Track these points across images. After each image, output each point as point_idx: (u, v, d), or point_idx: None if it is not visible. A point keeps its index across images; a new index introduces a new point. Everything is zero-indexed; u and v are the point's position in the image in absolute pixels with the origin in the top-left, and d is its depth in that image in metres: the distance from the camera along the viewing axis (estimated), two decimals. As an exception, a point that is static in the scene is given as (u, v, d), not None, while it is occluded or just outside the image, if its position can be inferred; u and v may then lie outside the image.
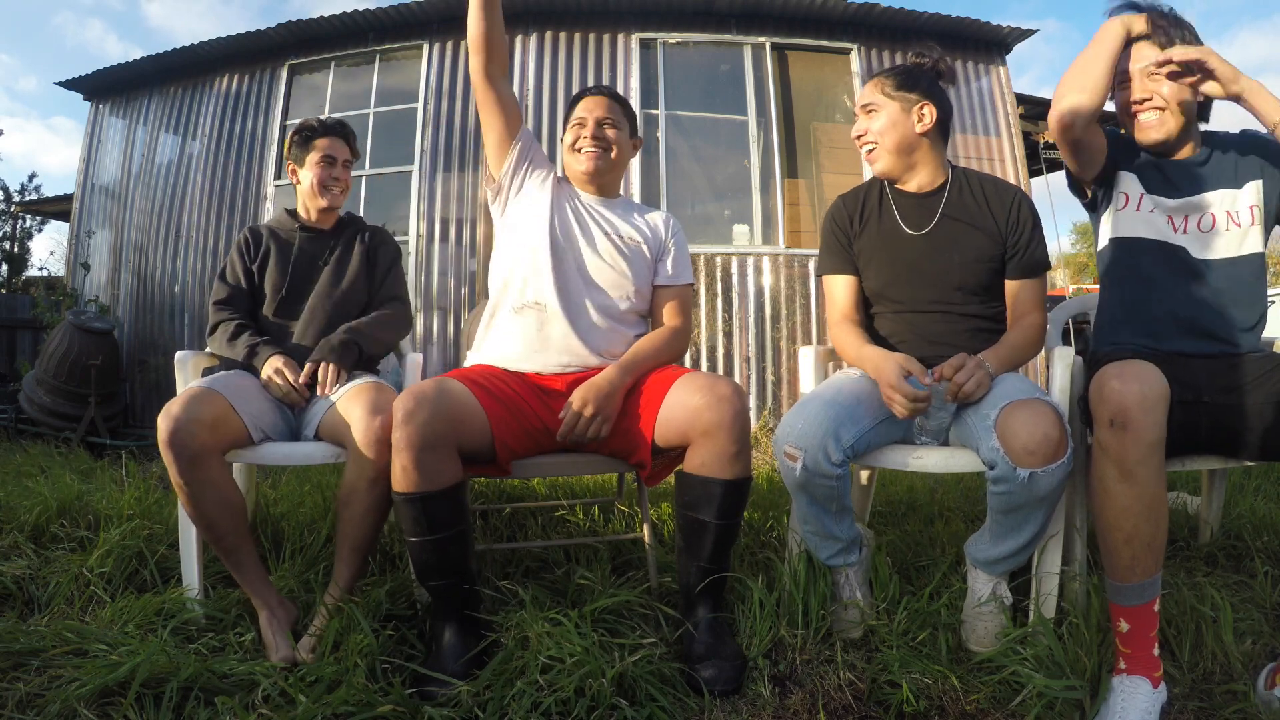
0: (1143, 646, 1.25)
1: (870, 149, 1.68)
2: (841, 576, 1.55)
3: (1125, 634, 1.26)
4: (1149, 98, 1.55)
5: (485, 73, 1.67)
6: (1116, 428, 1.24)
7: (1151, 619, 1.26)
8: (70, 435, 4.48)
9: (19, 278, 12.27)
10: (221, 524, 1.52)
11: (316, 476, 2.51)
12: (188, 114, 5.81)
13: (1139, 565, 1.24)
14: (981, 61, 5.45)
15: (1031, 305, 1.64)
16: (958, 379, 1.45)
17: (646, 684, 1.29)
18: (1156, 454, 1.24)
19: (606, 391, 1.55)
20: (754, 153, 5.21)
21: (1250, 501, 2.20)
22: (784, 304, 5.03)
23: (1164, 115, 1.54)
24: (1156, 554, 1.25)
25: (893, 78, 1.67)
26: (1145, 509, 1.24)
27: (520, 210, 1.74)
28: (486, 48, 1.64)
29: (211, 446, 1.50)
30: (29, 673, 1.33)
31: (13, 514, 2.11)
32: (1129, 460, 1.23)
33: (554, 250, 1.68)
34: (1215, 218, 1.56)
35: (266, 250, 1.93)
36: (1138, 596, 1.25)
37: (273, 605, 1.52)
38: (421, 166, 5.15)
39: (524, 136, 1.75)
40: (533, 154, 1.76)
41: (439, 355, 5.01)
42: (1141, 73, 1.55)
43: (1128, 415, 1.22)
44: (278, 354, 1.75)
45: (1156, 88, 1.54)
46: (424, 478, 1.36)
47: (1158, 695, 1.23)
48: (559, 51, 5.25)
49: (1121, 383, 1.25)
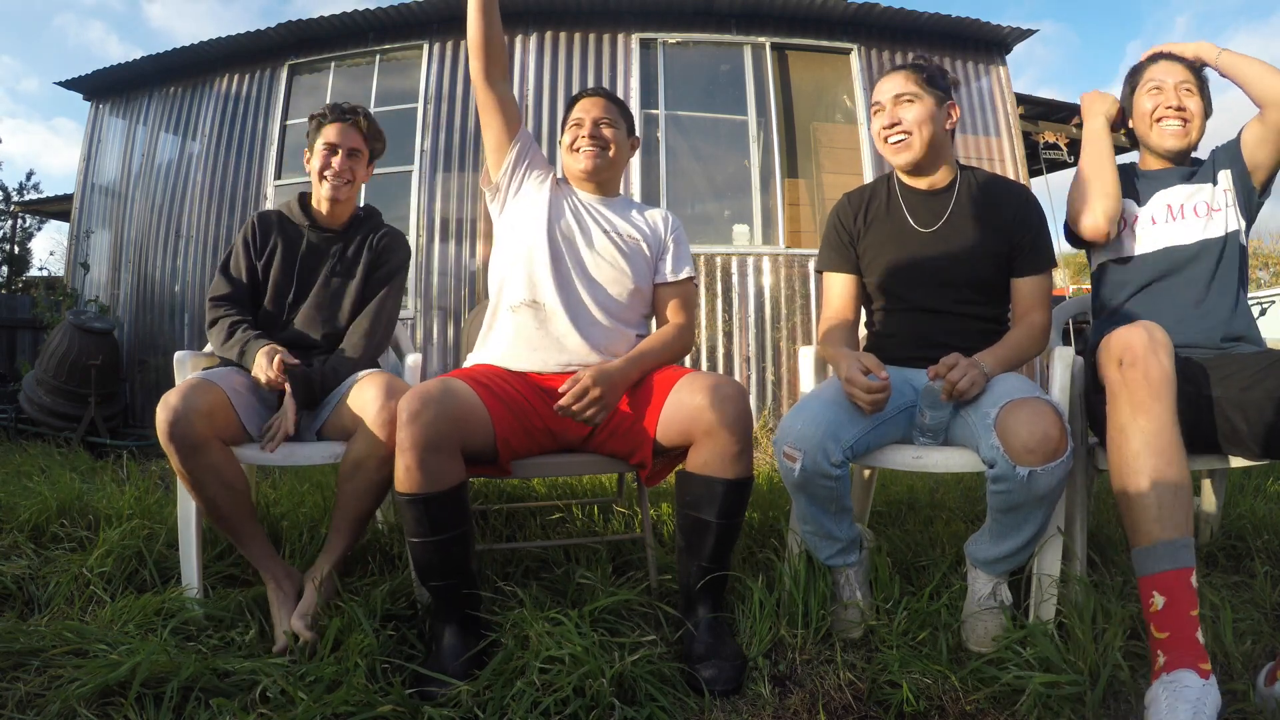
0: (1183, 628, 1.11)
1: (902, 139, 1.65)
2: (841, 576, 1.55)
3: (1160, 613, 1.13)
4: (1182, 107, 1.67)
5: (485, 75, 1.67)
6: (1126, 365, 1.28)
7: (1190, 595, 1.13)
8: (70, 435, 4.48)
9: (19, 278, 12.27)
10: (225, 506, 1.55)
11: (316, 476, 2.51)
12: (188, 114, 5.81)
13: (1168, 516, 1.17)
14: (981, 61, 5.45)
15: (1035, 303, 1.64)
16: (951, 377, 1.44)
17: (646, 684, 1.29)
18: (1166, 394, 1.25)
19: (615, 380, 1.55)
20: (754, 153, 5.21)
21: (1250, 501, 2.19)
22: (784, 304, 5.03)
23: (1189, 126, 1.67)
24: (1186, 509, 1.18)
25: (923, 72, 1.66)
26: (1164, 447, 1.22)
27: (518, 210, 1.74)
28: (486, 51, 1.64)
29: (209, 434, 1.52)
30: (29, 673, 1.33)
31: (13, 514, 2.11)
32: (1139, 394, 1.25)
33: (552, 248, 1.68)
34: (1198, 205, 1.66)
35: (274, 246, 1.87)
36: (1170, 559, 1.15)
37: (279, 576, 1.55)
38: (421, 166, 5.15)
39: (523, 137, 1.75)
40: (531, 155, 1.77)
41: (439, 356, 5.01)
42: (1176, 87, 1.66)
43: (1134, 353, 1.27)
44: (264, 349, 1.68)
45: (1187, 100, 1.66)
46: (427, 479, 1.36)
47: (1209, 688, 1.06)
48: (559, 51, 5.26)
49: (1127, 331, 1.31)
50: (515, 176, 1.75)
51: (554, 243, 1.69)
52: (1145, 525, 1.19)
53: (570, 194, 1.79)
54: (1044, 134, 7.00)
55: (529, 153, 1.76)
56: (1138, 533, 1.21)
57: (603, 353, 1.65)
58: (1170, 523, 1.17)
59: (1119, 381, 1.27)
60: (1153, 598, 1.16)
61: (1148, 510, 1.19)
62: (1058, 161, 7.33)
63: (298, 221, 1.90)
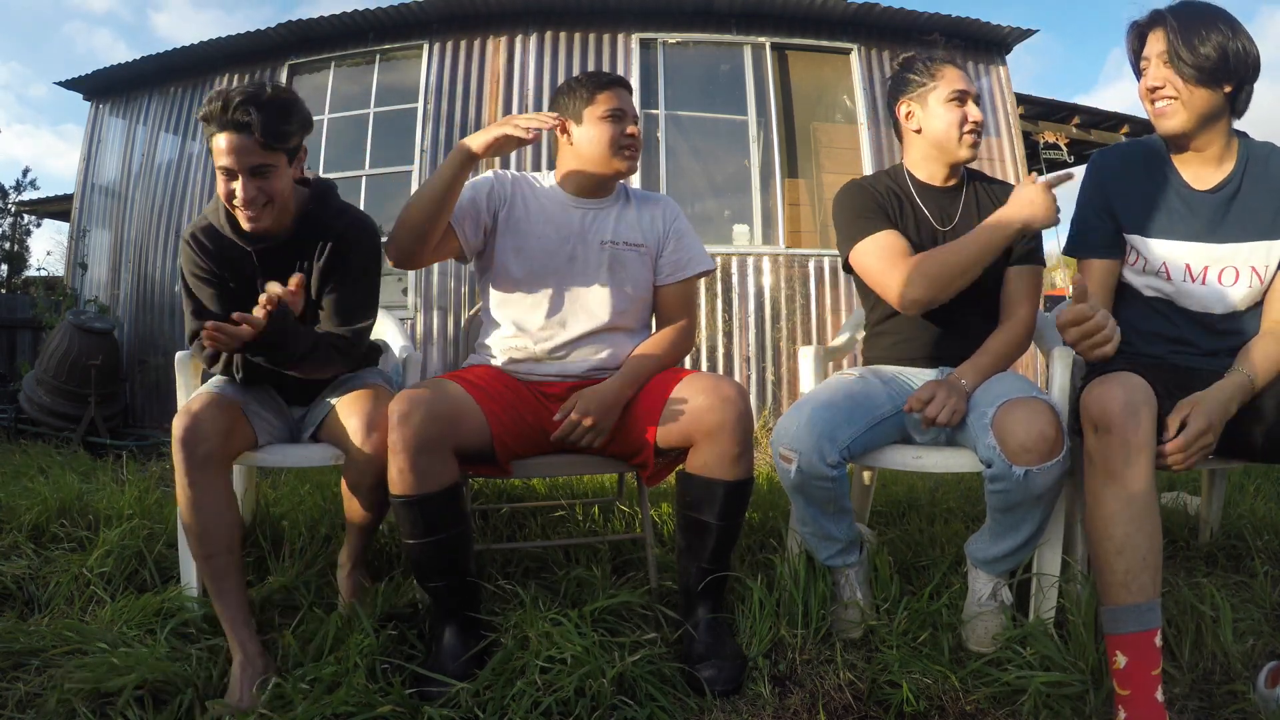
0: (1143, 687, 1.15)
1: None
2: (841, 577, 1.55)
3: (1122, 671, 1.17)
4: (1161, 85, 1.41)
5: (418, 258, 1.54)
6: (1100, 432, 1.23)
7: (1152, 655, 1.17)
8: (70, 435, 4.48)
9: (18, 277, 12.26)
10: (216, 538, 1.43)
11: (316, 476, 2.51)
12: (188, 114, 5.80)
13: (1134, 582, 1.18)
14: (981, 61, 5.45)
15: (1024, 296, 1.63)
16: (928, 413, 1.44)
17: (646, 684, 1.29)
18: (1142, 458, 1.20)
19: (609, 404, 1.53)
20: (754, 153, 5.20)
21: (1250, 501, 2.19)
22: (784, 304, 5.03)
23: (1176, 104, 1.40)
24: (1153, 573, 1.19)
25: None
26: (1134, 515, 1.19)
27: (502, 250, 1.64)
28: (430, 239, 1.51)
29: (222, 453, 1.48)
30: (29, 673, 1.33)
31: (13, 514, 2.10)
32: (1113, 463, 1.21)
33: (541, 282, 1.62)
34: (1239, 272, 1.45)
35: (222, 276, 1.56)
36: (1135, 621, 1.17)
37: (250, 652, 1.36)
38: (421, 166, 5.14)
39: (474, 233, 1.61)
40: (491, 226, 1.63)
41: (439, 355, 5.01)
42: (1158, 58, 1.41)
43: (1110, 419, 1.21)
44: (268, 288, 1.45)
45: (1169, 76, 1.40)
46: (420, 480, 1.36)
47: None
48: (559, 51, 5.25)
49: (1105, 389, 1.24)
50: (490, 244, 1.65)
51: (542, 275, 1.62)
52: (1113, 589, 1.21)
53: (547, 199, 1.66)
54: (1044, 134, 7.01)
55: (488, 229, 1.63)
56: (1106, 593, 1.22)
57: (601, 365, 1.64)
58: (1136, 587, 1.19)
59: (1095, 447, 1.24)
60: (1116, 656, 1.19)
61: (1115, 575, 1.20)
62: (1058, 161, 7.33)
63: (237, 241, 1.54)
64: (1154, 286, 1.52)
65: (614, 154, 1.60)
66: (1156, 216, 1.49)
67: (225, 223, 1.54)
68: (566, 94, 1.64)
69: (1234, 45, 1.36)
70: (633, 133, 1.62)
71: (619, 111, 1.60)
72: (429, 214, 1.49)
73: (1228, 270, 1.45)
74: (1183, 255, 1.47)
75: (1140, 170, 1.52)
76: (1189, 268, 1.47)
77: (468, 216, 1.59)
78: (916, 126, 1.67)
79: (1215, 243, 1.45)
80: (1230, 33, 1.37)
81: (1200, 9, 1.40)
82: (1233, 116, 1.45)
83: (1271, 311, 1.44)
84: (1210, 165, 1.47)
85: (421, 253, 1.54)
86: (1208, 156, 1.46)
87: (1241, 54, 1.37)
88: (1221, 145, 1.45)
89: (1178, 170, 1.49)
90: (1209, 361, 1.46)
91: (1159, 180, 1.50)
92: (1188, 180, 1.48)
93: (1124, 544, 1.20)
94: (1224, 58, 1.36)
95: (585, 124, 1.60)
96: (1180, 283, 1.48)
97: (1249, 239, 1.44)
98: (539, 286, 1.63)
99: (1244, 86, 1.41)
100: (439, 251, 1.59)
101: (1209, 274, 1.46)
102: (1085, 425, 1.27)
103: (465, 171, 1.46)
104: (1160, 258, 1.48)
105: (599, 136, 1.59)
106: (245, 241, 1.54)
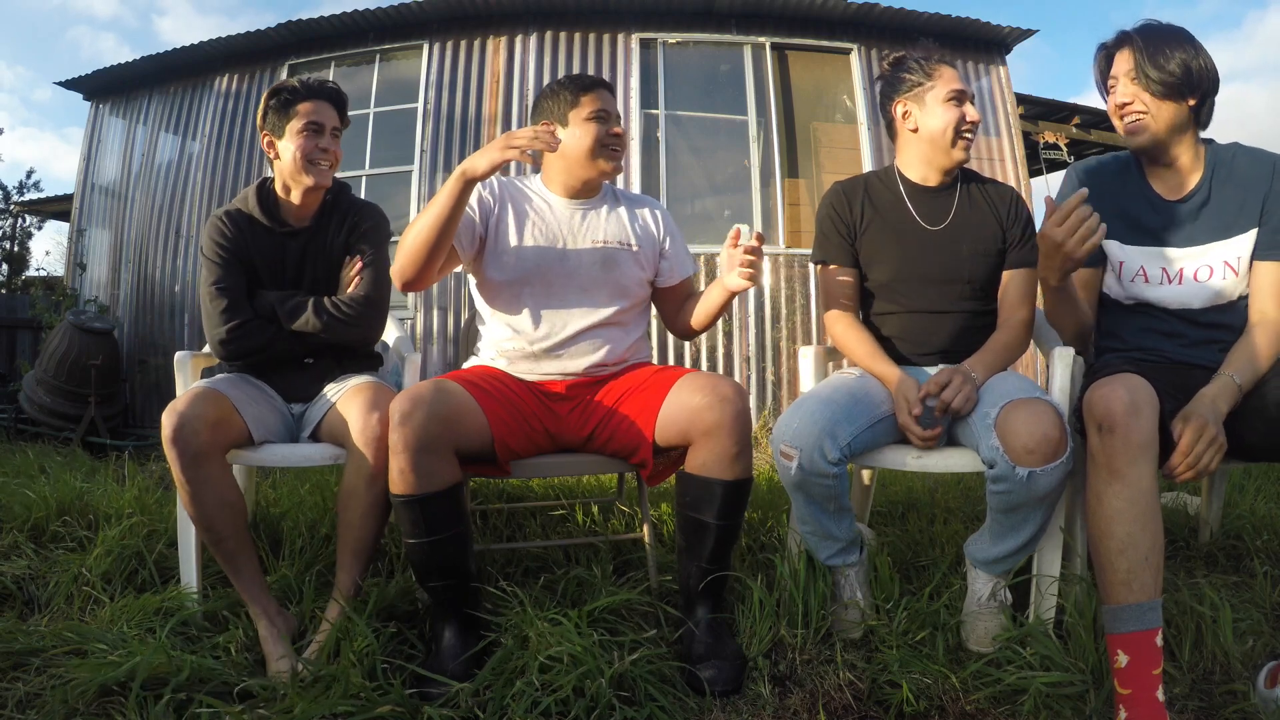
0: (1144, 687, 1.16)
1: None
2: (841, 576, 1.55)
3: (1124, 670, 1.18)
4: (1130, 101, 1.48)
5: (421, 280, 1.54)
6: (1104, 432, 1.23)
7: (1154, 654, 1.17)
8: (70, 435, 4.48)
9: (19, 277, 12.25)
10: (221, 525, 1.48)
11: (316, 476, 2.51)
12: (188, 114, 5.80)
13: (1135, 581, 1.19)
14: (981, 61, 5.45)
15: (1021, 299, 1.64)
16: (945, 396, 1.46)
17: (646, 684, 1.29)
18: (1145, 458, 1.21)
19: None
20: (754, 153, 5.20)
21: (1250, 501, 2.19)
22: (784, 304, 5.03)
23: (1145, 119, 1.47)
24: (1154, 572, 1.20)
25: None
26: (1138, 514, 1.20)
27: (495, 255, 1.64)
28: (432, 263, 1.50)
29: (214, 445, 1.49)
30: (29, 673, 1.33)
31: (13, 514, 2.10)
32: (1117, 461, 1.21)
33: (532, 282, 1.62)
34: (1213, 268, 1.51)
35: (245, 256, 1.70)
36: (1136, 621, 1.18)
37: (271, 614, 1.48)
38: (421, 166, 5.15)
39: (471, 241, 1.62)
40: (485, 230, 1.63)
41: (439, 354, 5.01)
42: (1125, 75, 1.48)
43: (1113, 419, 1.22)
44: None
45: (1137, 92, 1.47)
46: (421, 479, 1.36)
47: None
48: (559, 51, 5.25)
49: (1108, 389, 1.25)
50: (483, 250, 1.65)
51: (536, 276, 1.62)
52: (1115, 588, 1.21)
53: (536, 201, 1.67)
54: (1044, 134, 7.00)
55: (482, 237, 1.63)
56: (1108, 592, 1.23)
57: (601, 362, 1.64)
58: (1138, 585, 1.19)
59: (1097, 447, 1.25)
60: (1118, 655, 1.19)
61: (1117, 574, 1.21)
62: (1058, 161, 7.32)
63: (267, 224, 1.71)
64: (1133, 295, 1.57)
65: (599, 154, 1.62)
66: (1131, 227, 1.55)
67: (257, 206, 1.71)
68: (550, 98, 1.65)
69: (1196, 62, 1.45)
70: (617, 133, 1.64)
71: (603, 113, 1.62)
72: (433, 240, 1.48)
73: (1202, 268, 1.51)
74: (1159, 261, 1.53)
75: (1115, 183, 1.58)
76: (1165, 271, 1.53)
77: (464, 230, 1.59)
78: (913, 126, 1.67)
79: (1189, 246, 1.51)
80: (1193, 51, 1.46)
81: (1164, 30, 1.50)
82: (1198, 128, 1.52)
83: (1254, 303, 1.49)
84: (1180, 176, 1.53)
85: (428, 276, 1.54)
86: (1177, 168, 1.53)
87: (1203, 69, 1.46)
88: (1190, 156, 1.52)
89: (1149, 183, 1.56)
90: (1199, 353, 1.50)
91: (1132, 192, 1.57)
92: (1160, 192, 1.55)
93: (1126, 543, 1.20)
94: (1188, 73, 1.45)
95: (570, 126, 1.62)
96: (1158, 285, 1.53)
97: (1220, 237, 1.50)
98: (533, 287, 1.63)
99: (1207, 99, 1.49)
100: (442, 271, 1.60)
101: (1184, 274, 1.52)
102: (1089, 425, 1.27)
103: (467, 195, 1.46)
104: (1137, 264, 1.55)
105: (584, 138, 1.61)
106: (276, 224, 1.71)
